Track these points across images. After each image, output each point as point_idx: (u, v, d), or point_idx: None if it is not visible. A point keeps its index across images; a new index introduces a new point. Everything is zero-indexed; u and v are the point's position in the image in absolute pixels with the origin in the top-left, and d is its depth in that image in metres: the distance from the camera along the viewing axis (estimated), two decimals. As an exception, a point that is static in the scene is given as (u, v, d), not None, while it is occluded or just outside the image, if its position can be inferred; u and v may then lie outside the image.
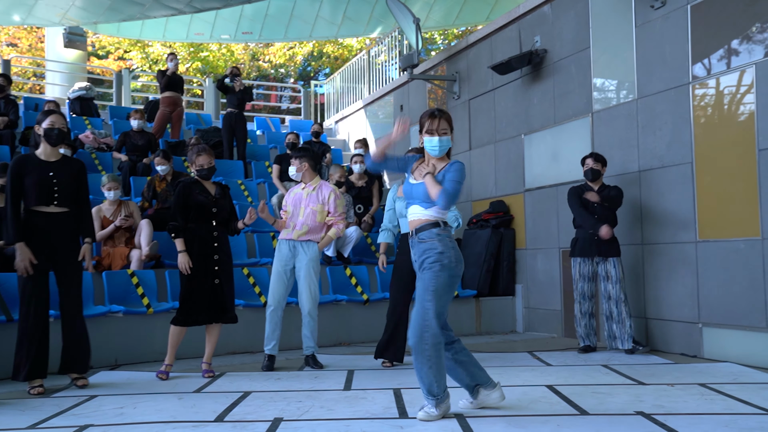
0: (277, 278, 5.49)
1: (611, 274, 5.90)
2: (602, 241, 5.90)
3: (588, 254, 5.99)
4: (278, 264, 5.50)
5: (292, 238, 5.49)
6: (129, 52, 22.86)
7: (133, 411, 4.03)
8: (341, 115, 14.03)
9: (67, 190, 4.75)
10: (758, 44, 5.35)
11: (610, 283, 5.90)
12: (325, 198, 5.56)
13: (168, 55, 10.65)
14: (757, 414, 3.73)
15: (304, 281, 5.48)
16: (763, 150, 5.25)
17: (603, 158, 6.11)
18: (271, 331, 5.48)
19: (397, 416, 3.81)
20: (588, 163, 6.09)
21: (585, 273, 6.04)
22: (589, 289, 6.05)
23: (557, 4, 7.42)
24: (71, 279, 4.77)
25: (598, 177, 6.08)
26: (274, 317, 5.49)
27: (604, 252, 5.92)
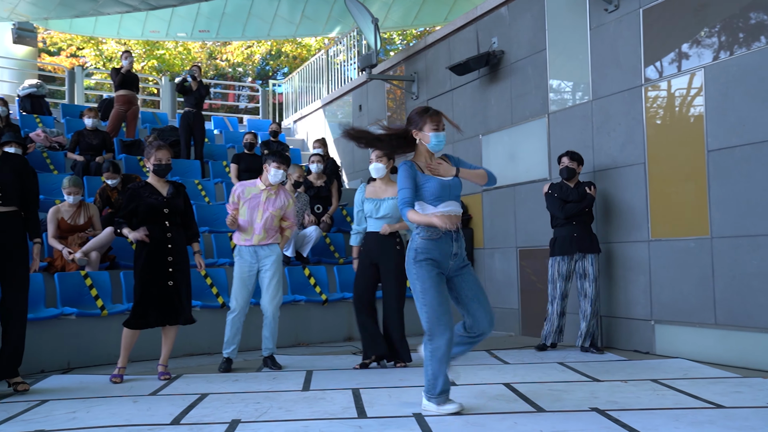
0: (241, 284, 5.42)
1: (588, 272, 5.90)
2: (582, 237, 5.91)
3: (568, 252, 5.94)
4: (242, 270, 5.42)
5: (253, 244, 5.44)
6: (82, 49, 22.38)
7: (86, 415, 3.95)
8: (300, 114, 13.97)
9: (12, 188, 4.61)
10: (707, 48, 5.49)
11: (587, 281, 5.90)
12: (284, 204, 5.56)
13: (122, 52, 10.46)
14: (706, 408, 3.83)
15: (270, 284, 5.44)
16: (712, 151, 5.40)
17: (579, 156, 6.11)
18: (232, 335, 5.43)
19: (356, 416, 3.81)
20: (564, 162, 6.08)
21: (563, 272, 5.97)
22: (566, 288, 6.01)
23: (514, 6, 7.50)
24: (19, 281, 4.63)
25: (573, 175, 6.07)
26: (236, 322, 5.43)
27: (586, 248, 5.91)
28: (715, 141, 5.38)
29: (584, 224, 5.96)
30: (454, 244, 3.83)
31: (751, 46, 5.14)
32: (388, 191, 5.49)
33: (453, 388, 4.46)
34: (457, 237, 3.85)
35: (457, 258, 3.84)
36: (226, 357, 5.44)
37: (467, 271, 3.92)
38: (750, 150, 5.12)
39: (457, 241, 3.84)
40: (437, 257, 3.78)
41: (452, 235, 3.82)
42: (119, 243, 6.90)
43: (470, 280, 3.91)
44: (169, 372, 5.18)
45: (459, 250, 3.85)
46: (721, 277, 5.32)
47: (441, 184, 3.83)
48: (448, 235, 3.80)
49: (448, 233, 3.80)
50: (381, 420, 3.71)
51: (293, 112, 14.78)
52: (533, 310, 7.16)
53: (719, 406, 3.87)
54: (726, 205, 5.29)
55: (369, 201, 5.48)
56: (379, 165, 5.46)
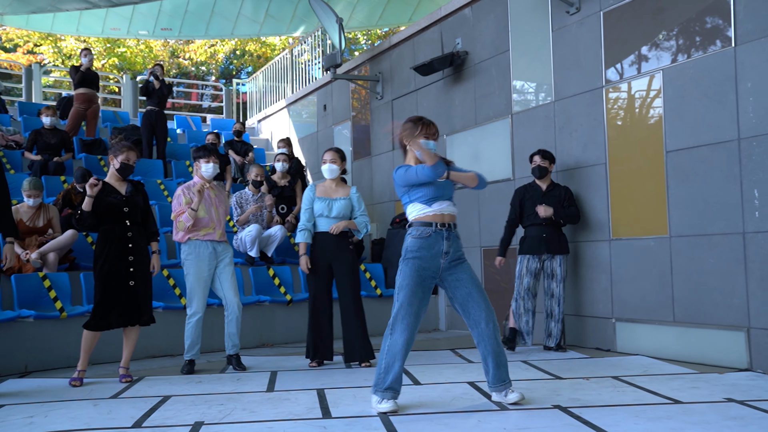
0: (201, 283, 5.33)
1: (556, 273, 5.90)
2: (552, 237, 5.90)
3: (537, 251, 5.92)
4: (200, 269, 5.32)
5: (214, 239, 5.39)
6: (39, 45, 21.91)
7: (44, 420, 3.87)
8: (264, 114, 13.88)
9: None
10: (665, 51, 5.61)
11: (555, 281, 5.90)
12: (225, 197, 5.68)
13: (82, 50, 10.28)
14: (665, 404, 3.91)
15: (230, 282, 5.41)
16: (670, 152, 5.51)
17: (551, 155, 6.07)
18: (195, 338, 5.35)
19: (321, 417, 3.80)
20: (535, 161, 6.03)
21: (532, 269, 5.93)
22: (534, 286, 5.96)
23: (478, 8, 7.56)
24: None
25: (545, 174, 6.02)
26: (199, 325, 5.36)
27: (554, 249, 5.90)
28: (673, 142, 5.49)
29: (554, 225, 5.96)
30: (445, 243, 3.88)
31: (708, 50, 5.26)
32: (339, 192, 5.54)
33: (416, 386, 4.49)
34: (449, 235, 3.90)
35: (449, 256, 3.89)
36: (189, 359, 5.38)
37: (461, 269, 3.93)
38: (706, 151, 5.24)
39: (448, 240, 3.89)
40: (425, 255, 3.85)
41: (443, 233, 3.88)
42: (79, 244, 6.78)
43: (464, 278, 3.92)
44: (130, 374, 5.11)
45: (451, 249, 3.90)
46: (679, 275, 5.43)
47: (435, 185, 3.93)
48: (438, 233, 3.87)
49: (438, 232, 3.87)
50: (346, 420, 3.70)
51: (257, 111, 14.68)
52: (497, 310, 7.20)
53: (677, 401, 3.95)
54: (684, 205, 5.40)
55: (320, 200, 5.50)
56: (333, 166, 5.53)
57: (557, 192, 6.04)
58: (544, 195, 6.01)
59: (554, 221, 5.94)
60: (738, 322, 5.01)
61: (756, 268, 4.90)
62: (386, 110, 9.16)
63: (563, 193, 6.03)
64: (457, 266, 3.93)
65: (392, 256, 8.14)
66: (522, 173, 6.83)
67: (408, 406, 3.92)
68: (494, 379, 3.90)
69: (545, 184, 6.07)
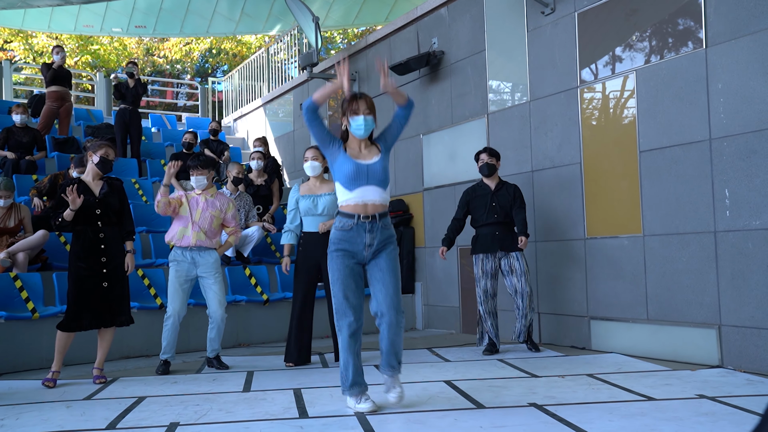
0: (178, 289, 5.31)
1: (515, 267, 5.78)
2: (504, 236, 5.82)
3: (490, 250, 5.84)
4: (178, 276, 5.30)
5: (190, 245, 5.32)
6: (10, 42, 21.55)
7: (15, 422, 3.81)
8: (240, 113, 13.80)
9: None
10: (639, 52, 5.67)
11: (515, 276, 5.78)
12: (223, 207, 5.50)
13: (54, 47, 10.12)
14: (638, 401, 3.96)
15: (213, 288, 5.36)
16: (644, 152, 5.57)
17: (497, 153, 6.02)
18: (171, 340, 5.33)
19: (297, 416, 3.79)
20: (483, 159, 5.96)
21: (488, 270, 5.85)
22: (492, 287, 5.87)
23: (454, 7, 7.59)
24: None
25: (494, 172, 5.96)
26: (176, 326, 5.34)
27: (507, 246, 5.81)
28: (646, 142, 5.56)
29: (506, 224, 5.87)
30: (367, 235, 3.80)
31: (680, 51, 5.33)
32: (324, 188, 5.52)
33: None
34: (373, 227, 3.80)
35: (372, 248, 3.83)
36: (164, 359, 5.34)
37: (383, 255, 3.86)
38: (679, 151, 5.31)
39: (371, 232, 3.80)
40: (349, 248, 3.82)
41: (365, 225, 3.79)
42: (52, 244, 6.69)
43: (381, 264, 3.85)
44: (104, 375, 5.05)
45: (374, 241, 3.81)
46: (652, 273, 5.50)
47: (357, 167, 3.80)
48: (360, 225, 3.79)
49: (361, 224, 3.79)
50: (323, 420, 3.70)
51: (233, 110, 14.60)
52: (474, 308, 7.25)
53: (650, 398, 4.00)
54: (657, 204, 5.47)
55: (305, 198, 5.47)
56: (315, 163, 5.49)
57: (506, 191, 5.93)
58: (493, 194, 5.92)
59: (505, 221, 5.86)
60: (709, 320, 5.08)
61: (727, 267, 4.98)
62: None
63: (512, 192, 5.93)
64: (381, 252, 3.86)
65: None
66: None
67: (384, 405, 3.93)
68: (383, 364, 3.94)
69: (494, 183, 5.97)
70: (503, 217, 5.88)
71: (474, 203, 6.00)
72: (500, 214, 5.88)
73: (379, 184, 3.83)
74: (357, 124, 3.86)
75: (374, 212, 3.82)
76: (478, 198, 5.99)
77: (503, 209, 5.88)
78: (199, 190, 5.47)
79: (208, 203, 5.42)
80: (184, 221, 5.35)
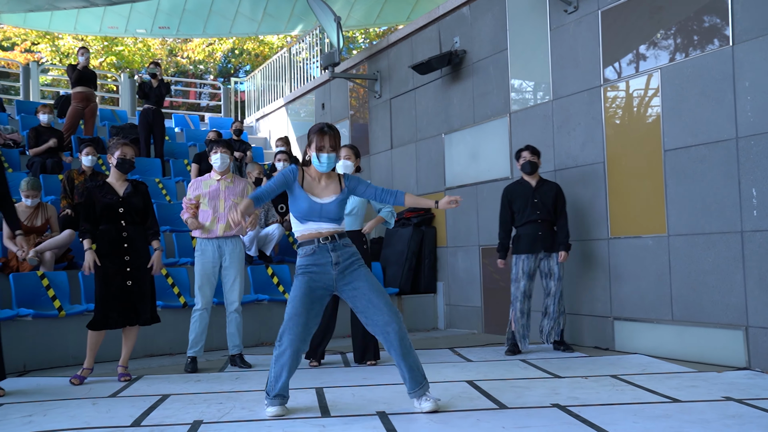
0: (205, 280, 5.39)
1: (554, 271, 5.80)
2: (546, 235, 5.80)
3: (533, 250, 5.79)
4: (205, 266, 5.39)
5: (217, 236, 5.39)
6: (37, 44, 21.86)
7: (42, 419, 3.87)
8: (262, 112, 13.88)
9: None
10: (663, 50, 5.61)
11: (553, 279, 5.80)
12: (243, 190, 5.57)
13: (78, 49, 10.26)
14: (663, 402, 3.92)
15: (233, 279, 5.42)
16: (668, 150, 5.51)
17: (539, 151, 5.97)
18: (199, 333, 5.39)
19: (320, 415, 3.80)
20: (524, 156, 5.90)
21: (527, 270, 5.81)
22: (530, 288, 5.84)
23: (476, 6, 7.56)
24: None
25: (535, 170, 5.91)
26: (203, 319, 5.40)
27: (549, 246, 5.79)
28: (671, 141, 5.50)
29: (549, 223, 5.84)
30: (332, 254, 3.84)
31: (705, 48, 5.26)
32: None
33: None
34: (335, 246, 3.85)
35: (339, 266, 3.85)
36: (192, 356, 5.38)
37: (357, 276, 3.86)
38: (704, 150, 5.24)
39: (334, 251, 3.85)
40: (315, 270, 3.85)
41: (327, 246, 3.85)
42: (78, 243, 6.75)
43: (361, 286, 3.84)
44: (129, 373, 5.11)
45: (339, 259, 3.85)
46: (677, 274, 5.43)
47: (310, 205, 3.86)
48: (322, 247, 3.85)
49: (323, 245, 3.85)
50: (344, 419, 3.71)
51: (255, 110, 14.67)
52: (496, 308, 7.23)
53: (676, 400, 3.96)
54: (682, 204, 5.41)
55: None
56: (348, 163, 5.47)
57: (548, 189, 5.91)
58: (534, 191, 5.89)
59: (547, 218, 5.83)
60: (736, 321, 5.02)
61: (754, 267, 4.91)
62: (384, 109, 9.15)
63: (555, 191, 5.90)
64: (352, 274, 3.86)
65: (391, 255, 8.15)
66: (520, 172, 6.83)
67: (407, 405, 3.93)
68: (411, 384, 3.81)
69: (534, 180, 5.94)
70: (546, 214, 5.83)
71: (515, 201, 5.95)
72: (543, 211, 5.83)
73: (331, 221, 3.89)
74: (321, 161, 3.88)
75: (332, 233, 3.88)
76: (519, 196, 5.94)
77: (545, 206, 5.84)
78: (219, 171, 5.50)
79: (228, 191, 5.47)
80: (206, 215, 5.40)
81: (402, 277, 7.93)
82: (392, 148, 8.99)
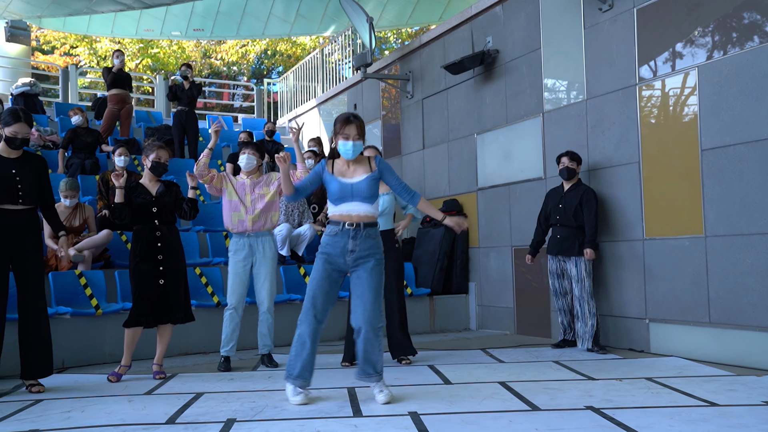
0: (237, 278, 5.43)
1: (571, 274, 5.95)
2: (563, 239, 5.98)
3: (551, 252, 6.10)
4: (236, 264, 5.44)
5: (247, 229, 5.43)
6: (76, 47, 22.30)
7: (81, 414, 3.94)
8: (295, 113, 13.95)
9: (31, 187, 4.65)
10: (701, 48, 5.51)
11: (573, 281, 5.95)
12: (269, 180, 5.56)
13: (114, 52, 10.43)
14: (700, 406, 3.85)
15: (264, 278, 5.45)
16: (705, 150, 5.42)
17: (578, 157, 6.10)
18: (231, 332, 5.44)
19: (352, 415, 3.81)
20: (563, 162, 6.06)
21: (554, 270, 6.09)
22: (561, 285, 6.08)
23: (508, 5, 7.51)
24: (37, 278, 4.67)
25: (573, 176, 6.06)
26: (234, 318, 5.44)
27: (564, 250, 5.97)
28: (708, 140, 5.40)
29: (568, 228, 5.97)
30: (351, 242, 4.02)
31: (744, 46, 5.16)
32: (383, 187, 5.50)
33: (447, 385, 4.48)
34: (356, 234, 4.02)
35: (354, 254, 4.02)
36: (225, 355, 5.44)
37: (365, 268, 4.04)
38: (743, 149, 5.14)
39: (354, 239, 4.02)
40: (332, 252, 4.06)
41: (350, 232, 4.02)
42: (115, 243, 6.89)
43: (363, 277, 4.04)
44: (163, 371, 5.18)
45: (356, 248, 4.02)
46: (715, 275, 5.34)
47: (341, 186, 4.05)
48: (345, 232, 4.03)
49: (345, 230, 4.03)
50: (377, 419, 3.71)
51: (288, 111, 14.77)
52: (528, 309, 7.18)
53: (713, 404, 3.88)
54: (720, 204, 5.31)
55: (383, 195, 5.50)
56: None
57: (575, 194, 6.02)
58: (563, 196, 6.09)
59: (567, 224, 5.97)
60: (776, 324, 4.91)
61: (795, 269, 4.79)
62: (416, 109, 9.14)
63: (580, 196, 5.98)
64: (361, 265, 4.04)
65: (422, 255, 8.14)
66: (553, 172, 6.77)
67: (439, 405, 3.92)
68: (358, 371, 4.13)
69: (569, 185, 6.12)
70: (565, 219, 6.01)
71: (548, 204, 6.23)
72: (562, 216, 6.03)
73: (363, 200, 4.07)
74: (346, 149, 4.08)
75: (359, 221, 4.04)
76: (552, 199, 6.20)
77: (566, 212, 6.01)
78: (246, 171, 5.55)
79: (254, 183, 5.51)
80: (235, 206, 5.45)
81: (434, 278, 7.91)
82: (424, 148, 8.98)
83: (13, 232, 4.57)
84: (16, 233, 4.58)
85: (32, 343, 4.65)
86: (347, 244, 4.02)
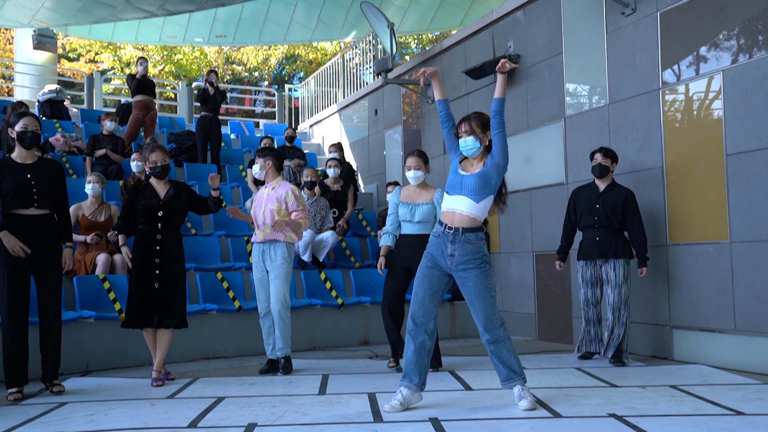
0: (259, 285, 5.53)
1: (611, 278, 5.57)
2: (604, 242, 5.60)
3: (589, 257, 5.68)
4: (257, 271, 5.55)
5: (260, 241, 5.51)
6: (100, 54, 22.60)
7: (104, 418, 3.98)
8: (316, 119, 14.02)
9: (46, 192, 4.70)
10: (725, 51, 5.45)
11: (609, 287, 5.58)
12: (281, 197, 5.49)
13: (137, 59, 10.55)
14: (726, 415, 3.79)
15: (273, 284, 5.46)
16: (731, 155, 5.35)
17: (613, 153, 5.74)
18: (266, 336, 5.55)
19: (372, 420, 3.81)
20: (596, 159, 5.72)
21: (588, 278, 5.72)
22: (593, 295, 5.74)
23: (530, 10, 7.49)
24: (54, 283, 4.72)
25: (606, 173, 5.71)
26: (263, 325, 5.55)
27: (606, 253, 5.59)
28: (734, 145, 5.33)
29: (608, 229, 5.63)
30: (449, 246, 4.03)
31: (771, 49, 5.09)
32: (423, 196, 5.48)
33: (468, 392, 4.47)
34: (455, 239, 4.02)
35: (454, 260, 4.02)
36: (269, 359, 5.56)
37: (467, 275, 4.02)
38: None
39: (453, 243, 4.02)
40: (434, 252, 4.11)
41: (448, 236, 4.03)
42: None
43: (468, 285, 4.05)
44: (162, 377, 5.05)
45: (455, 252, 4.02)
46: (740, 282, 5.26)
47: (454, 178, 4.13)
48: (445, 235, 4.05)
49: (445, 234, 4.05)
50: (397, 424, 3.70)
51: (309, 116, 14.83)
52: (550, 315, 7.13)
53: (739, 412, 3.83)
54: (745, 210, 5.24)
55: (404, 205, 5.48)
56: (418, 173, 5.47)
57: (615, 194, 5.67)
58: (600, 196, 5.71)
59: (608, 224, 5.62)
60: (803, 332, 4.82)
61: (823, 276, 4.71)
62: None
63: (623, 197, 5.65)
64: (463, 271, 4.03)
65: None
66: (575, 177, 6.73)
67: (460, 412, 3.90)
68: (502, 379, 4.13)
69: (604, 184, 5.75)
70: (606, 221, 5.62)
71: (579, 204, 5.84)
72: (602, 217, 5.64)
73: (469, 195, 4.04)
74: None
75: (459, 225, 4.02)
76: (583, 199, 5.80)
77: (607, 213, 5.63)
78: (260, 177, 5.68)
79: (269, 198, 5.53)
80: (254, 216, 5.59)
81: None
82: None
83: (30, 237, 4.60)
84: (32, 238, 4.61)
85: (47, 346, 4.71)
86: (447, 248, 4.04)
